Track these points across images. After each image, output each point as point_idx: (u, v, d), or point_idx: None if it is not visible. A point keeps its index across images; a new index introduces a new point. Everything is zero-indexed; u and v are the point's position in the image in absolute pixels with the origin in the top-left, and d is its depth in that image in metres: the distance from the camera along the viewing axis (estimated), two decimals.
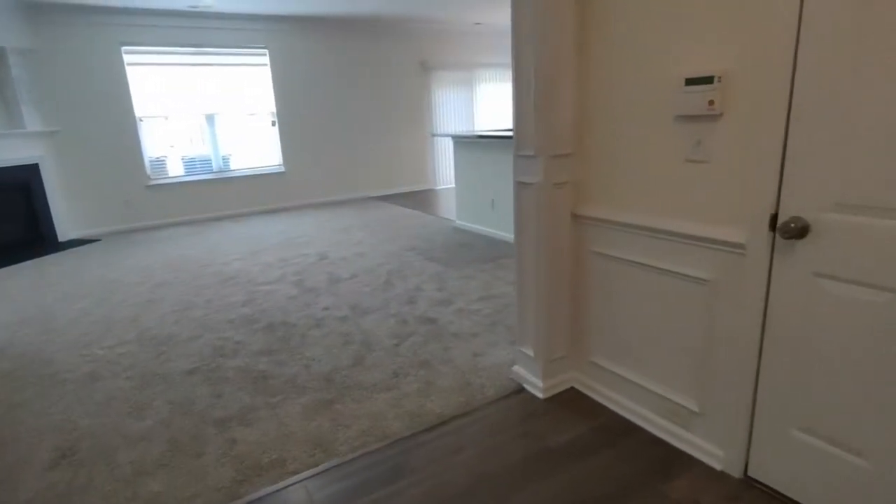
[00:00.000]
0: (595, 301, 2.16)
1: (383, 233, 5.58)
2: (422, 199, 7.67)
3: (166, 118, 6.66)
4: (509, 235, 4.88)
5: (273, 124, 7.33)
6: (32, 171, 5.71)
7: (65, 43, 5.84)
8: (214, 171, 7.09)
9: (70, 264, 4.94)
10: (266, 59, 7.05)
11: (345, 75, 7.64)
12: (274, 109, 7.24)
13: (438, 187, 8.77)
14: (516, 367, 2.42)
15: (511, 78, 2.06)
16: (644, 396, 2.02)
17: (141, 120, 6.44)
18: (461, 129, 8.84)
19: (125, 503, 1.76)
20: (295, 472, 1.87)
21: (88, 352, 2.95)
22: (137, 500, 1.77)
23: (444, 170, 8.82)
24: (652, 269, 1.86)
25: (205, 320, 3.36)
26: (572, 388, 2.34)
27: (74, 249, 5.59)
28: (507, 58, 8.85)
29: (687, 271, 1.73)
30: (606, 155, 1.98)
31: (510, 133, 4.85)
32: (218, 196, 7.04)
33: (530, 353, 2.29)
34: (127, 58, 6.20)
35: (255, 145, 7.36)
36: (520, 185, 2.14)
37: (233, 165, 7.24)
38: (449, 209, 6.66)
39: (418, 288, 3.76)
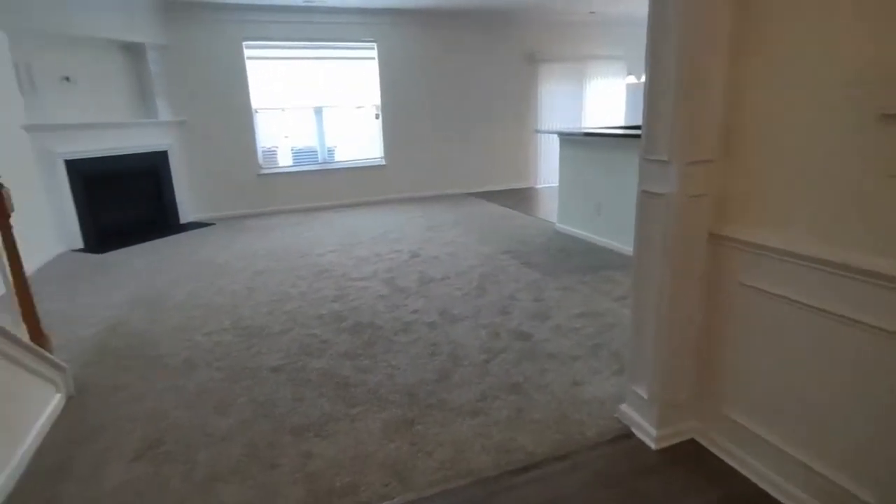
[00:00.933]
0: (736, 342, 1.76)
1: (478, 232, 5.36)
2: (521, 199, 7.35)
3: (283, 110, 6.93)
4: (615, 244, 4.43)
5: (377, 117, 7.38)
6: (162, 157, 6.20)
7: (194, 39, 6.25)
8: (320, 162, 7.29)
9: (186, 246, 5.28)
10: (374, 53, 7.09)
11: (449, 69, 7.50)
12: (378, 102, 7.29)
13: (539, 186, 8.38)
14: (624, 407, 2.07)
15: (630, 71, 1.72)
16: (794, 470, 1.60)
17: (256, 112, 6.77)
18: (567, 125, 8.36)
19: None
20: None
21: (189, 337, 3.04)
22: None
23: (546, 168, 8.40)
24: (829, 316, 1.44)
25: (296, 313, 3.35)
26: (693, 440, 1.95)
27: (192, 232, 5.99)
28: (623, 50, 8.21)
29: (883, 324, 1.30)
30: (766, 163, 1.57)
31: (626, 132, 4.39)
32: (321, 187, 7.24)
33: (643, 393, 1.93)
34: (247, 52, 6.52)
35: (359, 138, 7.47)
36: (646, 196, 1.79)
37: (337, 157, 7.41)
38: (549, 211, 6.28)
39: (513, 297, 3.49)
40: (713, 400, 1.87)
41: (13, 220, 2.32)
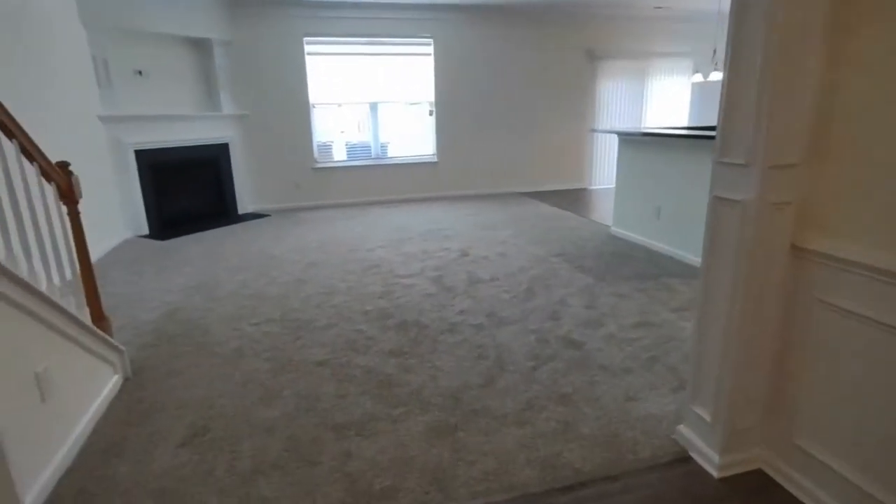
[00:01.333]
0: (812, 365, 1.58)
1: (530, 233, 5.23)
2: (574, 199, 7.14)
3: (338, 106, 7.03)
4: (675, 251, 4.20)
5: (430, 114, 7.36)
6: (223, 149, 6.42)
7: (257, 35, 6.43)
8: (373, 157, 7.35)
9: (243, 236, 5.44)
10: (430, 49, 7.07)
11: (505, 65, 7.37)
12: (433, 99, 7.26)
13: (593, 187, 8.12)
14: (683, 428, 1.93)
15: (697, 69, 1.57)
16: None
17: (314, 106, 6.89)
18: (626, 125, 8.06)
19: None
20: None
21: (239, 327, 3.10)
22: (248, 502, 1.70)
23: (601, 169, 8.13)
24: None
25: (343, 308, 3.35)
26: (759, 470, 1.79)
27: (249, 223, 6.18)
28: (689, 46, 7.82)
29: None
30: (860, 169, 1.40)
31: (691, 133, 4.15)
32: (373, 182, 7.30)
33: (706, 415, 1.79)
34: (307, 48, 6.64)
35: (412, 134, 7.48)
36: (719, 202, 1.64)
37: (390, 153, 7.45)
38: (603, 213, 6.06)
39: (563, 302, 3.36)
40: (784, 427, 1.70)
41: (83, 206, 2.42)
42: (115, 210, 5.34)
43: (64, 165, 2.23)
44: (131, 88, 5.47)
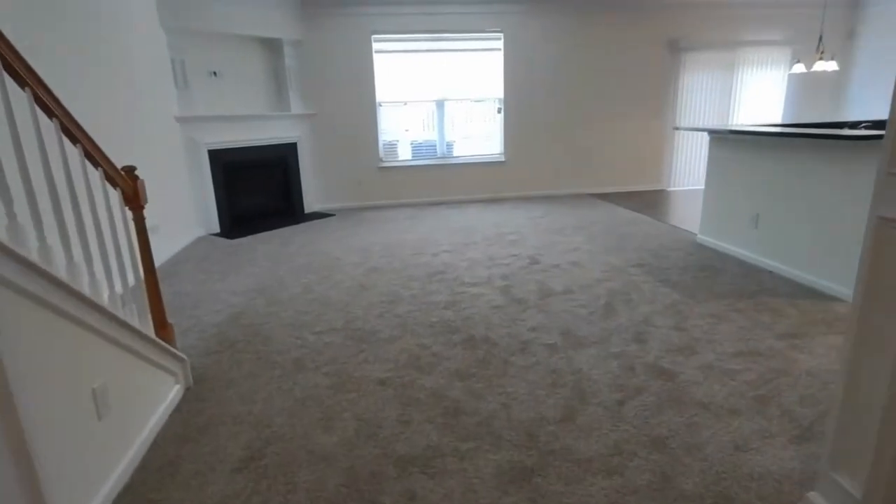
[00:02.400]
0: None
1: (605, 239, 4.85)
2: (651, 202, 6.64)
3: (406, 104, 6.92)
4: (777, 265, 3.72)
5: (498, 111, 7.09)
6: (291, 149, 6.46)
7: (326, 33, 6.41)
8: (438, 156, 7.18)
9: (307, 236, 5.42)
10: (500, 44, 6.79)
11: (578, 59, 6.97)
12: (501, 95, 6.98)
13: (672, 189, 7.55)
14: (815, 497, 1.57)
15: (797, 57, 1.21)
16: None
17: (380, 105, 6.81)
18: (712, 122, 7.41)
19: None
20: None
21: (300, 335, 3.00)
22: None
23: (682, 169, 7.55)
24: None
25: (407, 318, 3.17)
26: None
27: (314, 222, 6.18)
28: (787, 34, 7.07)
29: None
30: None
31: (808, 132, 3.61)
32: (439, 181, 7.13)
33: (853, 489, 1.43)
34: (374, 45, 6.56)
35: (479, 133, 7.24)
36: (887, 225, 1.29)
37: (455, 152, 7.25)
38: (687, 218, 5.56)
39: (648, 321, 3.01)
40: None
41: (162, 205, 2.37)
42: (189, 208, 5.48)
43: (130, 170, 2.18)
44: (205, 89, 5.59)
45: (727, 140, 4.23)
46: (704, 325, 2.92)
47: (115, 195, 2.14)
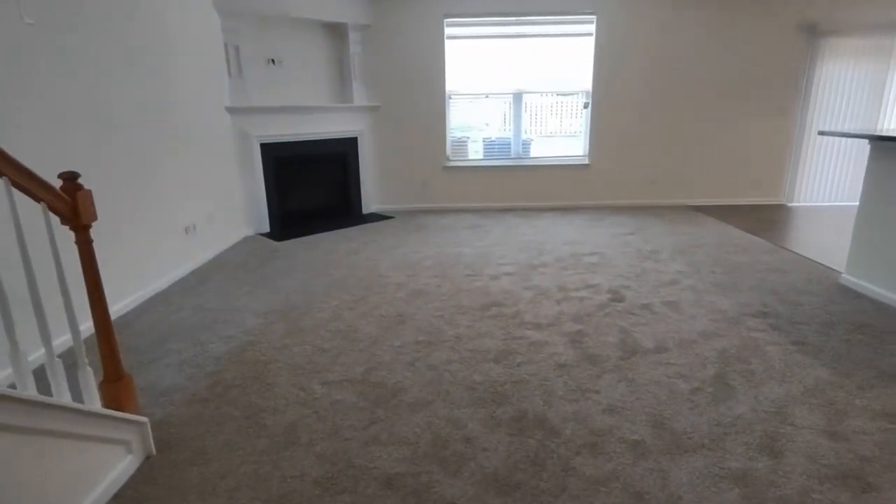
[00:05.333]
0: None
1: (711, 270, 3.85)
2: (769, 220, 5.43)
3: (484, 96, 6.19)
4: None
5: (585, 107, 6.15)
6: (351, 143, 5.95)
7: (395, 17, 5.81)
8: (512, 157, 6.39)
9: (356, 243, 4.87)
10: (591, 28, 5.85)
11: (684, 47, 5.85)
12: (589, 88, 6.04)
13: (793, 204, 6.23)
14: None
15: None
16: None
17: (450, 97, 6.12)
18: (856, 124, 6.00)
19: None
20: None
21: (307, 385, 2.39)
22: None
23: (811, 180, 6.20)
24: None
25: (443, 373, 2.47)
26: None
27: (369, 225, 5.63)
28: None
29: None
30: None
31: None
32: (511, 185, 6.34)
33: None
34: (447, 30, 5.87)
35: (560, 131, 6.35)
36: None
37: (532, 152, 6.41)
38: (820, 246, 4.38)
39: (783, 414, 2.09)
40: None
41: (200, 208, 1.84)
42: (238, 206, 5.12)
43: (71, 178, 1.64)
44: (261, 78, 5.18)
45: None
46: (876, 434, 1.96)
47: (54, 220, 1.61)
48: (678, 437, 1.96)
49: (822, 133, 3.81)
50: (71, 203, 1.61)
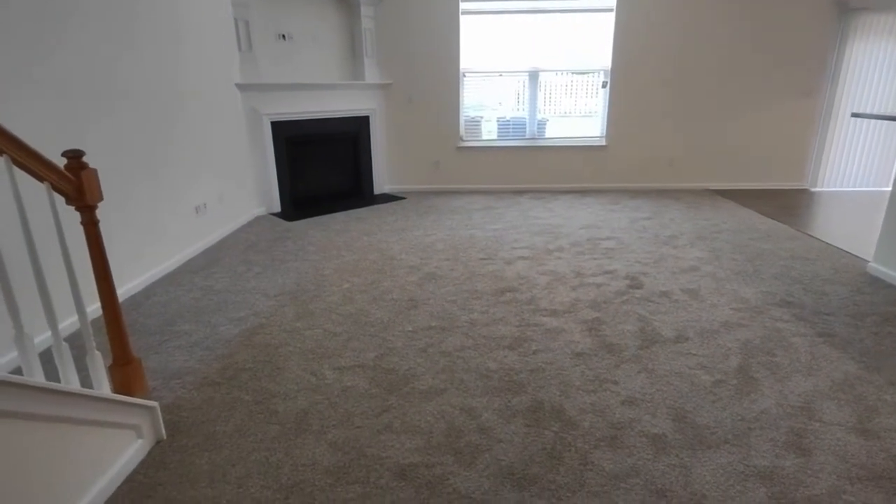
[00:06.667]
0: None
1: (732, 257, 3.74)
2: (792, 206, 5.27)
3: (499, 74, 6.03)
4: None
5: (603, 86, 5.97)
6: (363, 122, 5.85)
7: None
8: (527, 137, 6.24)
9: (368, 224, 4.80)
10: (612, 3, 5.64)
11: (706, 23, 5.63)
12: (608, 67, 5.85)
13: (817, 189, 6.05)
14: None
15: None
16: None
17: (464, 75, 5.97)
18: (889, 105, 5.76)
19: None
20: None
21: (318, 370, 2.35)
22: None
23: (837, 164, 5.99)
24: None
25: (456, 359, 2.42)
26: None
27: (380, 206, 5.56)
28: None
29: None
30: None
31: None
32: (525, 166, 6.20)
33: None
34: (462, 5, 5.69)
35: (577, 111, 6.19)
36: None
37: (547, 132, 6.26)
38: (844, 233, 4.23)
39: (810, 409, 2.01)
40: None
41: (211, 187, 1.79)
42: (249, 185, 5.06)
43: (75, 156, 1.58)
44: (271, 54, 5.07)
45: None
46: None
47: (59, 199, 1.56)
48: (701, 432, 1.89)
49: (855, 115, 3.64)
50: (76, 182, 1.55)
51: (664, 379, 2.23)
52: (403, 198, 5.91)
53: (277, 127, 5.14)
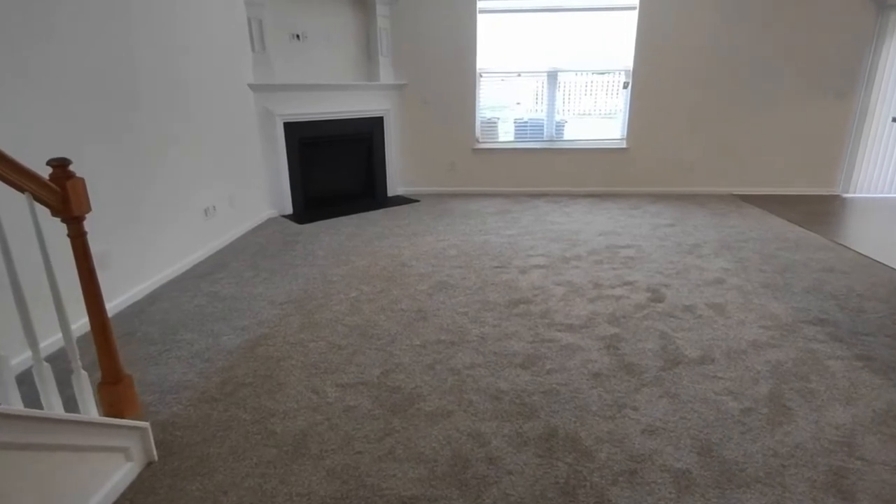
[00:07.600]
0: None
1: (761, 268, 3.55)
2: (822, 213, 5.02)
3: (510, 75, 5.88)
4: None
5: (625, 86, 5.78)
6: (377, 123, 5.75)
7: None
8: (545, 139, 6.08)
9: (380, 228, 4.70)
10: (635, 2, 5.44)
11: (733, 21, 5.40)
12: (630, 67, 5.66)
13: (849, 195, 5.77)
14: None
15: None
16: None
17: (480, 76, 5.83)
18: None
19: None
20: None
21: (321, 386, 2.24)
22: None
23: (871, 170, 5.71)
24: None
25: (465, 378, 2.29)
26: None
27: (393, 209, 5.45)
28: None
29: None
30: None
31: None
32: (543, 169, 6.04)
33: None
34: (479, 3, 5.55)
35: (597, 112, 6.01)
36: None
37: (566, 134, 6.09)
38: (888, 244, 4.00)
39: (851, 444, 1.84)
40: None
41: (222, 189, 1.70)
42: (261, 187, 4.99)
43: (61, 164, 1.49)
44: (285, 54, 4.99)
45: None
46: None
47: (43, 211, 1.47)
48: (729, 468, 1.74)
49: None
50: (60, 193, 1.46)
51: (688, 405, 2.08)
52: (417, 200, 5.80)
53: (290, 128, 5.06)
